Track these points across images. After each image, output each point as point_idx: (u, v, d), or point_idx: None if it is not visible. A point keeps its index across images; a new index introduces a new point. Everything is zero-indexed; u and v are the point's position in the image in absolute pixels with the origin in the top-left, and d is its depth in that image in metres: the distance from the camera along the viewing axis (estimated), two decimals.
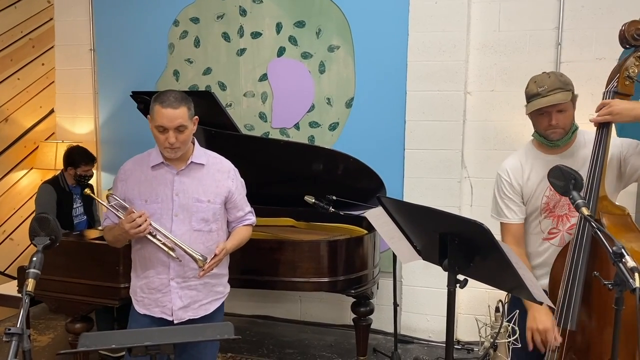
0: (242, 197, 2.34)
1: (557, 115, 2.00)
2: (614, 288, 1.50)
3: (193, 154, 2.20)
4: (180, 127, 2.07)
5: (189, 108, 2.11)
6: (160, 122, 2.05)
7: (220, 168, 2.25)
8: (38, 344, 3.78)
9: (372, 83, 3.88)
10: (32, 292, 1.50)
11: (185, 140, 2.11)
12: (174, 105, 2.05)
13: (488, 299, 3.58)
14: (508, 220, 2.18)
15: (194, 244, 2.14)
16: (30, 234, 1.65)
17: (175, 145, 2.08)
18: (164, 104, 2.05)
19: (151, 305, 2.19)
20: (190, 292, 2.18)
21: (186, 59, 4.25)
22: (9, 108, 4.26)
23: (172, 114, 2.04)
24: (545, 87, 1.98)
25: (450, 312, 1.70)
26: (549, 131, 2.04)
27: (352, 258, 3.14)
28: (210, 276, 2.21)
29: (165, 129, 2.06)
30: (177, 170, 2.17)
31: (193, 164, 2.18)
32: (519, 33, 3.61)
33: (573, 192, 1.71)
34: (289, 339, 3.95)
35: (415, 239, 1.88)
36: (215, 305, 2.27)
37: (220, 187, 2.21)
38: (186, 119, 2.08)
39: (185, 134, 2.10)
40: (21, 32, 4.33)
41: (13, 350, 1.35)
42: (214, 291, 2.26)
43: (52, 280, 2.95)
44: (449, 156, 3.74)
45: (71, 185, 3.80)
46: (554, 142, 2.06)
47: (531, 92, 2.04)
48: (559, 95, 1.96)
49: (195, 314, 2.20)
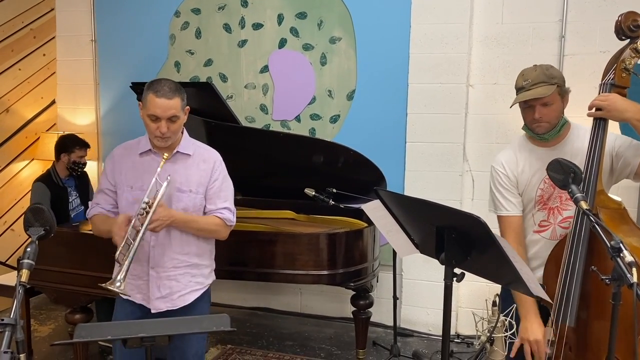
0: (220, 191, 2.23)
1: (540, 109, 1.98)
2: (612, 283, 1.48)
3: (180, 143, 2.19)
4: (173, 117, 2.06)
5: (182, 98, 2.10)
6: (153, 111, 2.04)
7: (206, 158, 2.23)
8: (39, 334, 3.80)
9: (373, 75, 3.86)
10: (26, 282, 1.49)
11: (176, 130, 2.11)
12: (169, 95, 2.04)
13: (488, 292, 3.57)
14: (507, 213, 2.15)
15: (172, 235, 2.13)
16: (24, 224, 1.64)
17: (166, 135, 2.07)
18: (159, 94, 2.03)
19: (133, 291, 2.19)
20: (170, 282, 2.16)
21: (187, 50, 4.24)
22: (10, 99, 4.26)
23: (166, 104, 2.03)
24: (530, 80, 1.97)
25: (447, 305, 1.69)
26: (534, 125, 2.03)
27: (352, 251, 3.13)
28: (191, 266, 2.20)
29: (158, 119, 2.05)
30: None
31: (179, 153, 2.17)
32: (523, 25, 3.58)
33: (572, 185, 1.69)
34: (289, 332, 3.95)
35: (412, 232, 1.87)
36: (195, 295, 2.24)
37: (203, 177, 2.19)
38: (179, 109, 2.08)
39: (177, 124, 2.09)
40: (22, 23, 4.32)
41: (6, 340, 1.35)
42: (194, 282, 2.23)
43: (51, 271, 2.96)
44: (451, 149, 3.72)
45: (64, 178, 3.77)
46: (540, 136, 2.05)
47: (517, 85, 2.04)
48: (540, 89, 1.95)
49: (173, 305, 2.17)
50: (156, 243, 2.13)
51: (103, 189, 2.22)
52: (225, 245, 3.13)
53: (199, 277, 2.26)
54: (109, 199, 2.22)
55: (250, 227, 3.31)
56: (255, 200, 3.82)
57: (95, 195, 2.28)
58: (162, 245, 2.14)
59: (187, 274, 2.21)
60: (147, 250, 2.14)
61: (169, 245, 2.15)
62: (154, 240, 2.13)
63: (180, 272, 2.18)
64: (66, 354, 3.44)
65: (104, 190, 2.22)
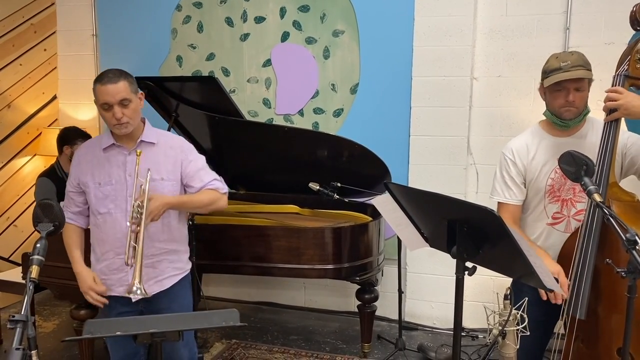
0: (199, 169, 2.24)
1: (574, 93, 1.98)
2: (627, 276, 1.47)
3: (143, 133, 2.20)
4: (124, 100, 2.08)
5: (130, 82, 2.12)
6: (103, 99, 2.07)
7: (172, 145, 2.23)
8: (43, 330, 3.79)
9: (377, 68, 3.83)
10: (36, 278, 1.49)
11: (132, 115, 2.11)
12: (113, 80, 2.07)
13: (493, 285, 3.57)
14: (506, 200, 2.17)
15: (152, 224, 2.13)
16: (33, 220, 1.63)
17: (123, 120, 2.09)
18: (103, 81, 2.07)
19: (114, 285, 2.21)
20: (148, 269, 2.17)
21: (189, 45, 4.21)
22: (11, 94, 4.24)
23: (113, 88, 2.06)
24: (569, 62, 1.97)
25: (459, 299, 1.68)
26: (563, 108, 2.01)
27: (357, 245, 3.12)
28: (169, 252, 2.23)
29: (110, 105, 2.07)
30: (129, 150, 2.18)
31: (143, 142, 2.19)
32: (527, 17, 3.55)
33: (584, 178, 1.69)
34: (294, 326, 3.95)
35: (422, 225, 1.86)
36: (173, 280, 2.26)
37: (171, 163, 2.20)
38: (128, 92, 2.09)
39: (131, 107, 2.10)
40: (23, 17, 4.29)
41: (18, 337, 1.34)
42: (173, 267, 2.26)
43: (56, 267, 2.94)
44: (455, 142, 3.70)
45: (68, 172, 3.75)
46: (565, 122, 2.03)
47: (552, 67, 2.01)
48: (581, 71, 1.95)
49: (151, 290, 2.16)
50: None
51: (67, 192, 2.27)
52: (230, 240, 3.14)
53: (178, 263, 2.28)
54: (74, 201, 2.25)
55: (255, 221, 3.30)
56: (259, 195, 3.81)
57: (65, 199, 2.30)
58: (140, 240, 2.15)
59: (165, 260, 2.23)
60: (124, 242, 2.13)
61: (146, 234, 2.13)
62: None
63: (158, 259, 2.20)
64: (71, 350, 3.43)
65: (68, 193, 2.27)
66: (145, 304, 2.21)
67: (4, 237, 4.22)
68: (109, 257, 2.19)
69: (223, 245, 3.12)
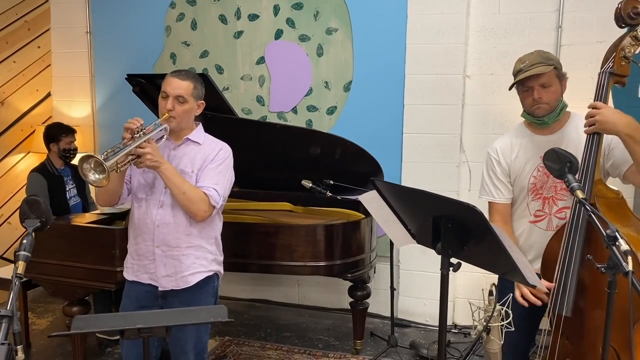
0: (214, 174, 2.22)
1: (540, 90, 2.01)
2: (607, 271, 1.49)
3: (192, 133, 2.28)
4: (180, 97, 2.16)
5: (195, 86, 2.21)
6: (164, 88, 2.18)
7: (214, 147, 2.29)
8: (36, 327, 3.80)
9: (370, 66, 3.84)
10: (22, 274, 1.49)
11: (182, 113, 2.18)
12: (182, 76, 2.19)
13: (485, 283, 3.56)
14: (494, 200, 2.19)
15: (177, 215, 2.19)
16: (20, 216, 1.64)
17: (172, 114, 2.16)
18: (174, 74, 2.20)
19: (140, 272, 2.27)
20: (174, 261, 2.22)
21: (183, 42, 4.22)
22: (5, 91, 4.24)
23: (176, 82, 2.17)
24: (527, 62, 2.01)
25: (444, 295, 1.69)
26: (533, 107, 2.04)
27: (349, 242, 3.14)
28: (194, 247, 2.25)
29: (167, 95, 2.16)
30: (175, 145, 2.25)
31: (189, 140, 2.26)
32: (519, 15, 3.56)
33: (568, 175, 1.70)
34: (287, 323, 3.96)
35: (409, 222, 1.87)
36: (198, 277, 2.27)
37: (204, 159, 2.24)
38: (189, 93, 2.18)
39: (184, 107, 2.18)
40: (16, 15, 4.29)
41: (3, 332, 1.35)
42: (197, 263, 2.27)
43: (49, 264, 2.96)
44: (448, 140, 3.72)
45: (59, 168, 3.76)
46: (540, 120, 2.05)
47: (515, 70, 2.06)
48: (538, 68, 1.98)
49: (177, 285, 2.24)
50: (161, 222, 2.20)
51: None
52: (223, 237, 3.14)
53: (203, 260, 2.29)
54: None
55: (247, 219, 3.31)
56: (252, 192, 3.82)
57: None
58: (167, 224, 2.20)
59: (191, 255, 2.25)
60: (152, 229, 2.21)
61: (173, 224, 2.20)
62: (158, 219, 2.20)
63: (184, 252, 2.23)
64: (65, 347, 3.44)
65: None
66: (165, 302, 2.25)
67: None
68: (139, 241, 2.26)
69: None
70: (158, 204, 2.20)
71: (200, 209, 2.17)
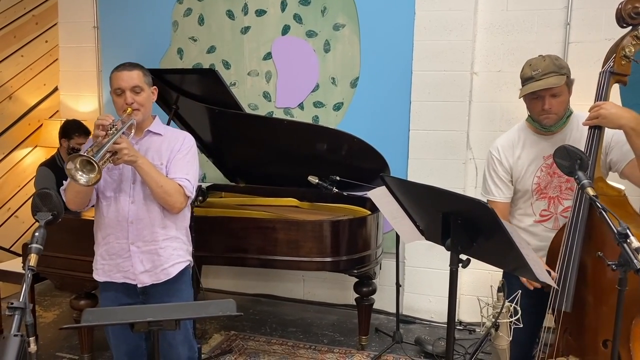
0: (182, 164, 2.22)
1: (550, 100, 1.98)
2: (618, 269, 1.49)
3: (151, 125, 2.27)
4: (136, 87, 2.16)
5: (144, 73, 2.22)
6: (117, 84, 2.16)
7: (177, 136, 2.29)
8: (43, 320, 3.82)
9: (377, 63, 3.84)
10: (35, 267, 1.50)
11: (143, 103, 2.18)
12: (129, 68, 2.19)
13: (490, 280, 3.57)
14: (494, 198, 2.19)
15: (151, 209, 2.18)
16: (32, 209, 1.65)
17: (134, 106, 2.15)
18: (119, 69, 2.20)
19: (112, 272, 2.24)
20: (151, 256, 2.21)
21: (190, 37, 4.22)
22: (12, 85, 4.25)
23: (127, 75, 2.16)
24: (539, 70, 1.96)
25: (453, 291, 1.69)
26: (542, 116, 2.02)
27: (355, 238, 3.14)
28: (171, 239, 2.25)
29: (122, 91, 2.16)
30: (137, 139, 2.23)
31: (150, 132, 2.25)
32: (527, 12, 3.55)
33: (578, 172, 1.70)
34: (292, 318, 3.97)
35: (418, 218, 1.87)
36: (178, 268, 2.28)
37: (170, 150, 2.24)
38: (142, 81, 2.19)
39: (142, 96, 2.18)
40: (24, 9, 4.30)
41: (16, 323, 1.36)
42: (176, 254, 2.27)
43: (56, 257, 2.98)
44: (454, 137, 3.71)
45: None
46: (547, 128, 2.05)
47: (525, 76, 2.02)
48: (552, 79, 1.94)
49: (157, 279, 2.23)
50: (135, 218, 2.18)
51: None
52: (229, 233, 3.16)
53: (180, 251, 2.30)
54: None
55: (254, 214, 3.32)
56: (258, 188, 3.82)
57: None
58: (141, 220, 2.19)
59: (169, 247, 2.25)
60: (125, 226, 2.19)
61: (147, 219, 2.19)
62: (132, 216, 2.18)
63: (161, 245, 2.22)
64: (71, 340, 3.46)
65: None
66: (146, 298, 2.25)
67: (5, 228, 4.25)
68: (109, 240, 2.23)
69: (222, 237, 3.14)
70: (129, 200, 2.18)
71: (177, 201, 2.18)
